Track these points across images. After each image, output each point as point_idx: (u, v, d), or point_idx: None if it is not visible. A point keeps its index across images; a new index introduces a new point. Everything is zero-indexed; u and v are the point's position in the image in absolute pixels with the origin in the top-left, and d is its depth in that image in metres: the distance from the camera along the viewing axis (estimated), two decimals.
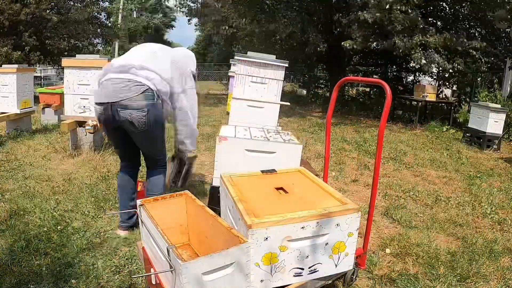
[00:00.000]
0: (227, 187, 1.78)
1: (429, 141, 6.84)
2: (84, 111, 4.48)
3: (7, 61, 9.47)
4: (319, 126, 7.84)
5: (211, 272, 1.33)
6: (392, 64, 12.38)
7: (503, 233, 2.95)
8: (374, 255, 2.43)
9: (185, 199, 1.88)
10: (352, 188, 3.88)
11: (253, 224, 1.45)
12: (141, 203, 1.74)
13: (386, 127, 2.72)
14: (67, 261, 2.20)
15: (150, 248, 1.66)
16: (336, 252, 1.62)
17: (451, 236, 2.84)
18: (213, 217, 1.62)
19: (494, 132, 6.27)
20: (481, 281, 2.20)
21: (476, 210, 3.41)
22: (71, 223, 2.70)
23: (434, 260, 2.40)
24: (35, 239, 2.42)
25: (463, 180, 4.38)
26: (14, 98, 5.45)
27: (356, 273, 1.98)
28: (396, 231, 2.87)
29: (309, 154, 5.19)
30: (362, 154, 5.44)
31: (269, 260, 1.51)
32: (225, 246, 1.39)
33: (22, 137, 5.37)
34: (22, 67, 5.65)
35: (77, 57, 4.50)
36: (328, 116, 2.37)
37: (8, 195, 3.16)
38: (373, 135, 7.04)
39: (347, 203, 1.65)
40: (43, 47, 10.96)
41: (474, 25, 10.28)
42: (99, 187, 3.43)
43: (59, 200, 3.09)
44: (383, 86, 1.92)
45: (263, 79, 3.05)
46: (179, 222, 1.87)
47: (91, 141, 4.51)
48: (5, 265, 2.12)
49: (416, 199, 3.64)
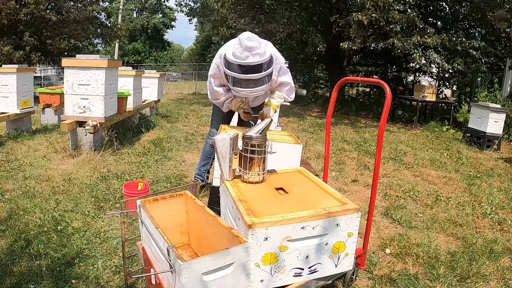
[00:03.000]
0: (227, 187, 1.78)
1: (429, 141, 6.84)
2: (84, 111, 4.48)
3: (8, 60, 9.48)
4: (319, 126, 7.84)
5: (211, 272, 1.33)
6: (392, 64, 12.39)
7: (503, 233, 2.95)
8: (374, 255, 2.44)
9: (185, 199, 1.88)
10: (352, 188, 3.88)
11: (253, 224, 1.45)
12: (141, 203, 1.74)
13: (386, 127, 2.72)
14: (67, 261, 2.20)
15: (150, 248, 1.66)
16: (336, 252, 1.62)
17: (451, 236, 2.84)
18: (213, 217, 1.62)
19: (494, 132, 6.27)
20: (481, 281, 2.20)
21: (476, 210, 3.41)
22: (71, 223, 2.70)
23: (434, 260, 2.40)
24: (35, 239, 2.43)
25: (463, 180, 4.38)
26: (14, 98, 5.45)
27: (356, 273, 1.98)
28: (396, 231, 2.87)
29: (309, 154, 5.19)
30: (362, 154, 5.44)
31: (269, 260, 1.51)
32: (225, 246, 1.39)
33: (22, 137, 5.38)
34: (22, 67, 5.65)
35: (77, 57, 4.50)
36: (328, 116, 2.37)
37: (8, 195, 3.16)
38: (373, 135, 7.04)
39: (347, 203, 1.65)
40: (44, 47, 10.97)
41: (474, 25, 10.28)
42: (99, 187, 3.43)
43: (59, 200, 3.09)
44: (383, 86, 1.93)
45: None
46: (179, 222, 1.87)
47: (91, 141, 4.51)
48: (5, 265, 2.12)
49: (416, 199, 3.64)
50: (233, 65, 2.37)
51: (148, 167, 4.21)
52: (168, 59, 35.81)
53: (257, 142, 1.80)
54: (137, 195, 2.77)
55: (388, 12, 7.24)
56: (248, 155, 1.81)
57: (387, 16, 7.28)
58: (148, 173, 3.99)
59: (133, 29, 32.38)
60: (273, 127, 3.14)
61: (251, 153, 1.81)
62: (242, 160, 1.84)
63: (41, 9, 10.26)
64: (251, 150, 1.80)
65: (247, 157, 1.81)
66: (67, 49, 11.74)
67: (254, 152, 1.80)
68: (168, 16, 35.84)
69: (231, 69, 2.39)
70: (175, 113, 8.85)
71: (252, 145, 1.80)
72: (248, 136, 1.81)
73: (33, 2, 9.95)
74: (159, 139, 5.64)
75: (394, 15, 7.22)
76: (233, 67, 2.38)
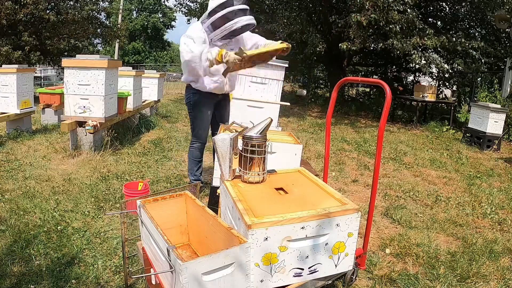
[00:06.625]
0: (227, 187, 1.78)
1: (429, 141, 6.84)
2: (84, 111, 4.48)
3: (7, 61, 9.47)
4: (319, 126, 7.84)
5: (211, 272, 1.33)
6: (392, 65, 12.39)
7: (503, 233, 2.95)
8: (374, 255, 2.44)
9: (185, 199, 1.88)
10: (352, 188, 3.88)
11: (253, 224, 1.45)
12: (141, 204, 1.74)
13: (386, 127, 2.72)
14: (67, 261, 2.20)
15: (150, 248, 1.66)
16: (336, 252, 1.62)
17: (451, 236, 2.84)
18: (213, 217, 1.62)
19: (494, 132, 6.27)
20: (481, 281, 2.20)
21: (476, 210, 3.41)
22: (71, 223, 2.70)
23: (434, 260, 2.40)
24: (35, 239, 2.43)
25: (463, 180, 4.38)
26: (14, 98, 5.45)
27: (356, 273, 1.98)
28: (396, 231, 2.87)
29: (309, 154, 5.19)
30: (362, 154, 5.44)
31: (269, 260, 1.51)
32: (225, 246, 1.39)
33: (22, 137, 5.38)
34: (22, 67, 5.65)
35: (77, 57, 4.50)
36: (328, 116, 2.37)
37: (8, 195, 3.16)
38: (373, 135, 7.04)
39: (347, 203, 1.65)
40: (43, 47, 10.96)
41: (473, 25, 10.28)
42: (99, 187, 3.43)
43: (59, 200, 3.10)
44: (383, 87, 1.93)
45: (263, 79, 3.04)
46: (179, 222, 1.87)
47: (91, 141, 4.51)
48: (5, 265, 2.12)
49: (416, 199, 3.64)
50: (227, 2, 2.64)
51: (148, 167, 4.21)
52: (168, 59, 35.81)
53: (257, 142, 1.80)
54: (137, 195, 2.77)
55: (388, 13, 7.23)
56: (248, 155, 1.81)
57: (386, 17, 7.27)
58: (148, 173, 3.99)
59: (133, 29, 32.38)
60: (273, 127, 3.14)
61: (251, 153, 1.81)
62: (242, 160, 1.84)
63: (40, 9, 10.26)
64: (251, 150, 1.81)
65: (247, 157, 1.81)
66: (66, 49, 11.74)
67: (254, 152, 1.81)
68: (168, 16, 35.84)
69: (227, 5, 2.64)
70: (175, 113, 8.84)
71: (252, 145, 1.80)
72: (248, 136, 1.81)
73: (32, 3, 9.95)
74: (159, 139, 5.64)
75: (394, 15, 7.21)
76: (228, 3, 2.65)
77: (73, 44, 12.30)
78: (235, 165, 1.87)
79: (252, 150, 1.80)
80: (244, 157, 1.82)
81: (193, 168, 3.25)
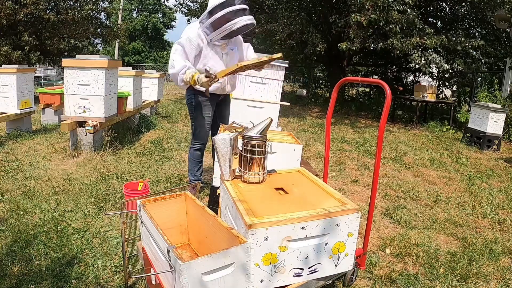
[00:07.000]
0: (227, 187, 1.78)
1: (429, 141, 6.84)
2: (84, 111, 4.48)
3: (7, 61, 9.47)
4: (319, 126, 7.84)
5: (211, 272, 1.33)
6: (392, 64, 12.39)
7: (503, 233, 2.95)
8: (374, 255, 2.44)
9: (185, 199, 1.88)
10: (352, 188, 3.88)
11: (253, 224, 1.45)
12: (141, 204, 1.74)
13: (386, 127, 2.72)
14: (67, 261, 2.20)
15: (150, 248, 1.66)
16: (336, 252, 1.62)
17: (451, 236, 2.84)
18: (213, 217, 1.62)
19: (494, 132, 6.27)
20: (481, 281, 2.20)
21: (476, 210, 3.41)
22: (71, 223, 2.70)
23: (434, 260, 2.40)
24: (35, 239, 2.43)
25: (463, 180, 4.38)
26: (14, 98, 5.45)
27: (356, 273, 1.98)
28: (396, 231, 2.87)
29: (309, 154, 5.19)
30: (362, 154, 5.44)
31: (269, 260, 1.51)
32: (225, 246, 1.39)
33: (22, 137, 5.38)
34: (22, 67, 5.65)
35: (77, 57, 4.50)
36: (328, 116, 2.37)
37: (8, 195, 3.16)
38: (373, 135, 7.04)
39: (347, 203, 1.65)
40: (43, 47, 10.96)
41: (473, 25, 10.28)
42: (99, 187, 3.43)
43: (59, 200, 3.10)
44: (382, 87, 1.93)
45: (263, 79, 3.05)
46: (179, 222, 1.87)
47: (91, 141, 4.51)
48: (5, 265, 2.12)
49: (416, 199, 3.64)
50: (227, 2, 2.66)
51: (148, 167, 4.21)
52: (168, 59, 35.78)
53: (257, 142, 1.80)
54: (137, 195, 2.77)
55: (388, 13, 7.23)
56: (248, 155, 1.81)
57: (386, 17, 7.27)
58: (148, 173, 3.99)
59: (133, 29, 32.37)
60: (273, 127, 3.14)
61: (251, 153, 1.81)
62: (242, 160, 1.84)
63: (40, 9, 10.26)
64: (251, 150, 1.81)
65: (247, 157, 1.82)
66: (66, 49, 11.73)
67: (254, 152, 1.81)
68: (168, 16, 35.83)
69: (227, 5, 2.66)
70: (175, 113, 8.84)
71: (252, 145, 1.80)
72: (248, 136, 1.82)
73: (32, 3, 9.95)
74: (159, 139, 5.64)
75: (394, 15, 7.21)
76: (228, 2, 2.67)
77: (73, 44, 12.31)
78: (235, 165, 1.87)
79: (252, 150, 1.80)
80: (244, 157, 1.82)
81: (194, 169, 3.25)
